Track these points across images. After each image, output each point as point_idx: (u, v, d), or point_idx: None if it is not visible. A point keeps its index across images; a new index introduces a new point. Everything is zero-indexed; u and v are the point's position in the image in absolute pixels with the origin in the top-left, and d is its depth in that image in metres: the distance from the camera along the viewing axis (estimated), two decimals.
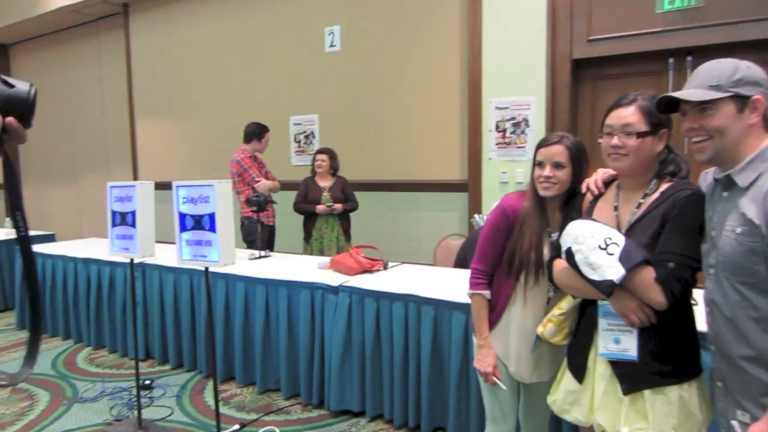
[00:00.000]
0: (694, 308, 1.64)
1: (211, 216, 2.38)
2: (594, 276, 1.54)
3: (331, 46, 5.69)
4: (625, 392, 1.60)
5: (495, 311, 2.01)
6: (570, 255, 1.61)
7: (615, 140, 1.61)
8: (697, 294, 1.61)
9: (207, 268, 2.58)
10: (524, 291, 1.94)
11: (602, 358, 1.65)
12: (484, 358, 2.01)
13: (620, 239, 1.54)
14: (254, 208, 4.15)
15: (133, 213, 2.85)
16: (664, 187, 1.62)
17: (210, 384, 3.63)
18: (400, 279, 3.22)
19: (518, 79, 4.64)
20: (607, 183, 1.79)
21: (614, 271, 1.50)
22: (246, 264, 3.79)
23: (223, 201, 2.39)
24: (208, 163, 6.58)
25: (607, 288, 1.53)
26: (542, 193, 1.88)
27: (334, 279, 3.24)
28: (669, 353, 1.59)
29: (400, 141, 5.36)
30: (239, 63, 6.29)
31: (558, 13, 4.47)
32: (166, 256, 3.60)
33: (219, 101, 6.47)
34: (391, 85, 5.35)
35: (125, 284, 4.07)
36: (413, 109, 5.26)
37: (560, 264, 1.72)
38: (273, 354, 3.45)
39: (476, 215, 3.83)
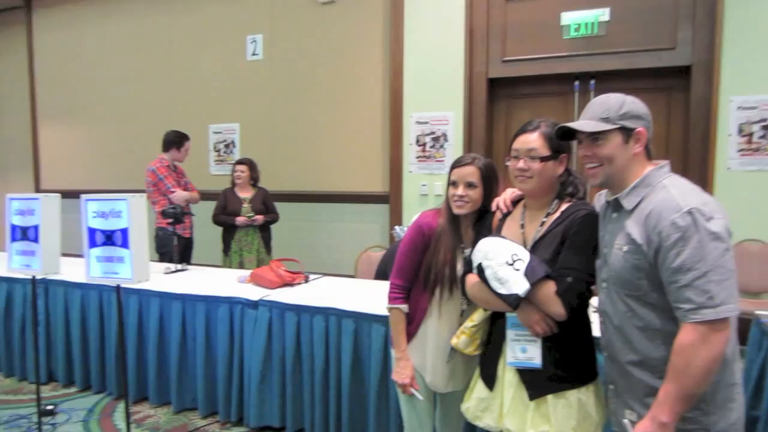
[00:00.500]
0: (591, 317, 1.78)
1: (124, 231, 2.28)
2: (502, 290, 1.65)
3: (254, 54, 5.63)
4: (531, 398, 1.71)
5: (412, 324, 2.08)
6: (481, 270, 1.71)
7: (521, 163, 1.73)
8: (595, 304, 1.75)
9: (119, 286, 2.48)
10: (439, 304, 2.02)
11: (510, 366, 1.75)
12: (401, 370, 2.06)
13: (525, 255, 1.66)
14: (170, 220, 4.01)
15: (36, 227, 2.68)
16: (564, 206, 1.76)
17: (121, 406, 3.46)
18: (321, 292, 3.22)
19: (438, 94, 4.79)
20: (515, 202, 1.91)
21: (520, 286, 1.62)
22: (161, 278, 3.65)
23: (137, 216, 2.30)
24: (120, 170, 6.29)
25: (514, 301, 1.64)
26: (456, 211, 1.98)
27: (254, 293, 3.20)
28: (569, 360, 1.72)
29: (322, 152, 5.38)
30: (156, 67, 6.08)
31: (475, 33, 4.66)
32: (73, 270, 3.41)
33: (133, 106, 6.22)
34: (314, 95, 5.36)
35: (25, 302, 3.81)
36: (336, 121, 5.29)
37: (472, 278, 1.80)
38: (189, 372, 3.35)
39: (397, 227, 3.90)
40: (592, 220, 1.68)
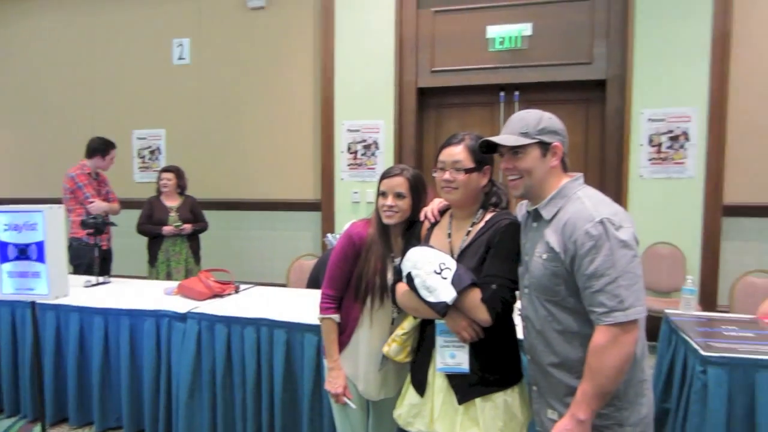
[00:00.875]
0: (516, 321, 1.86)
1: (39, 245, 2.16)
2: (430, 298, 1.70)
3: (180, 58, 5.49)
4: (460, 402, 1.77)
5: (344, 333, 2.10)
6: (410, 279, 1.75)
7: (447, 175, 1.79)
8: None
9: (33, 302, 2.34)
10: (371, 313, 2.05)
11: (439, 372, 1.80)
12: (334, 380, 2.07)
13: (452, 264, 1.72)
14: (90, 231, 3.83)
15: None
16: (488, 216, 1.83)
17: (37, 429, 3.26)
18: (252, 302, 3.18)
19: (369, 103, 4.85)
20: (443, 212, 1.97)
21: (447, 294, 1.67)
22: (81, 292, 3.48)
23: (54, 228, 2.19)
24: (39, 177, 5.93)
25: (442, 309, 1.69)
26: (386, 221, 2.01)
27: (182, 305, 3.10)
28: (495, 364, 1.78)
29: (252, 159, 5.30)
30: (78, 69, 5.80)
31: (405, 43, 4.75)
32: None
33: (54, 110, 5.90)
34: (244, 102, 5.29)
35: None
36: (266, 128, 5.24)
37: (402, 287, 1.84)
38: (113, 390, 3.20)
39: (329, 234, 3.90)
40: (514, 229, 1.76)
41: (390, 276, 2.01)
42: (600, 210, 1.51)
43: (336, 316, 2.08)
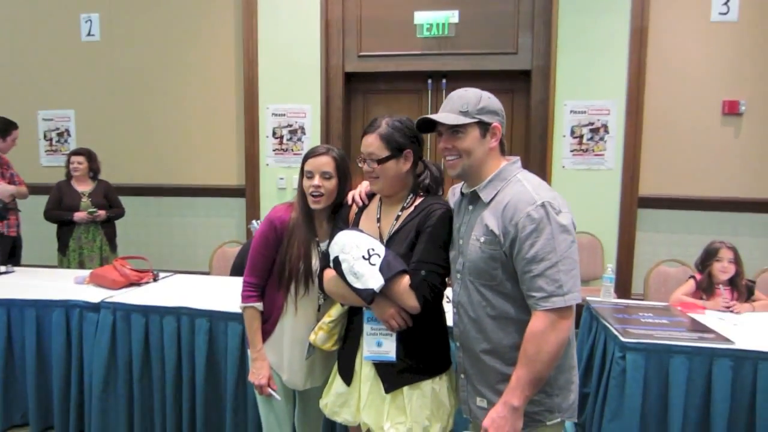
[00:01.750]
0: (446, 307, 1.85)
1: None
2: (357, 284, 1.65)
3: (89, 35, 5.14)
4: (387, 390, 1.74)
5: (268, 322, 2.02)
6: (337, 264, 1.70)
7: (366, 166, 1.75)
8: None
9: None
10: (295, 301, 1.97)
11: (366, 360, 1.77)
12: (258, 370, 2.01)
13: (382, 250, 1.68)
14: None
15: None
16: (418, 201, 1.79)
17: None
18: (173, 291, 3.04)
19: (294, 87, 4.73)
20: (371, 195, 1.92)
21: (375, 281, 1.63)
22: None
23: None
24: None
25: (368, 296, 1.65)
26: (313, 206, 1.93)
27: (95, 295, 2.92)
28: (423, 352, 1.75)
29: (172, 143, 5.07)
30: None
31: (331, 27, 4.67)
32: None
33: None
34: (161, 82, 5.03)
35: None
36: (186, 110, 5.02)
37: (330, 273, 1.79)
38: (18, 385, 2.98)
39: (254, 221, 3.79)
40: (445, 215, 1.71)
41: (315, 262, 1.95)
42: (541, 194, 1.49)
43: (258, 305, 2.01)
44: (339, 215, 1.95)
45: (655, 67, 4.29)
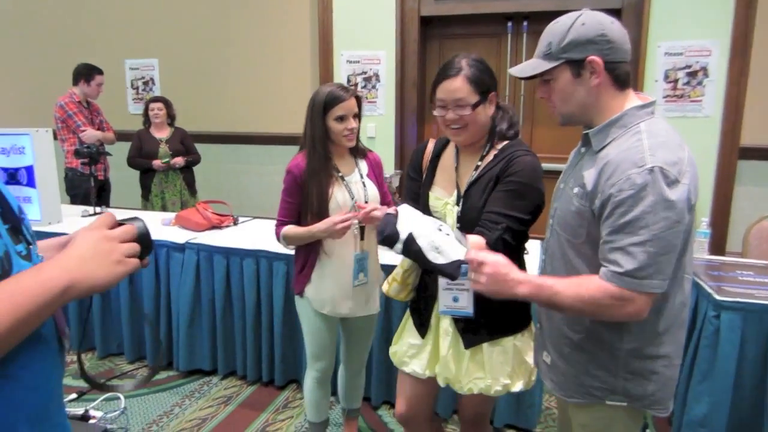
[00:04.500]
0: (526, 258, 1.76)
1: (29, 169, 2.09)
2: (440, 260, 1.48)
3: None
4: (467, 346, 1.69)
5: (306, 266, 2.11)
6: (412, 241, 1.51)
7: (450, 114, 1.59)
8: (533, 244, 1.72)
9: None
10: (327, 240, 2.03)
11: (442, 315, 1.68)
12: (324, 226, 1.95)
13: (441, 223, 1.57)
14: (85, 160, 3.74)
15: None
16: (498, 146, 1.67)
17: None
18: (251, 234, 3.13)
19: (369, 33, 4.64)
20: (443, 142, 1.80)
21: (456, 251, 1.47)
22: (77, 222, 3.42)
23: (43, 152, 2.11)
24: (30, 108, 5.75)
25: (456, 269, 1.46)
26: (350, 144, 2.02)
27: (180, 236, 3.07)
28: (503, 308, 1.62)
29: (249, 91, 5.13)
30: None
31: None
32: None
33: (43, 39, 5.64)
34: (238, 31, 5.06)
35: None
36: (262, 59, 5.04)
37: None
38: (113, 317, 3.21)
39: None
40: (528, 160, 1.58)
41: (342, 195, 2.01)
42: (657, 155, 1.20)
43: (289, 225, 2.07)
44: (411, 165, 1.84)
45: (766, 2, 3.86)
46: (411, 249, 1.50)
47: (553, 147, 4.32)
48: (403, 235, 1.51)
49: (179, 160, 4.31)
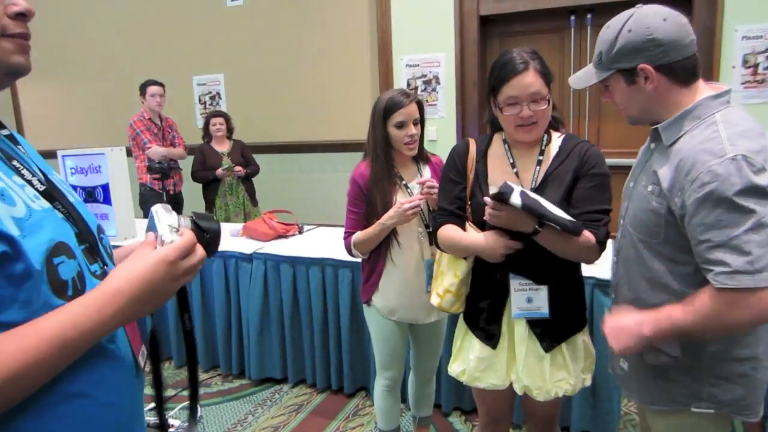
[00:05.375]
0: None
1: (105, 187, 2.19)
2: (561, 214, 1.44)
3: (233, 0, 5.38)
4: (547, 350, 1.61)
5: (374, 274, 2.08)
6: (526, 195, 1.43)
7: (525, 111, 1.52)
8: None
9: None
10: (392, 249, 2.02)
11: (519, 320, 1.62)
12: (394, 214, 1.92)
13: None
14: (157, 176, 3.90)
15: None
16: (557, 139, 1.62)
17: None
18: (316, 243, 3.16)
19: (428, 35, 4.61)
20: (487, 141, 1.73)
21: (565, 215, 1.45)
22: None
23: (117, 170, 2.21)
24: (103, 127, 6.08)
25: (578, 225, 1.45)
26: (410, 153, 2.00)
27: (247, 246, 3.13)
28: (572, 305, 1.65)
29: (310, 100, 5.21)
30: (134, 16, 5.80)
31: None
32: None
33: (113, 59, 5.96)
34: (298, 42, 5.15)
35: None
36: (323, 67, 5.11)
37: (447, 230, 1.66)
38: None
39: None
40: (600, 153, 1.57)
41: (402, 200, 1.94)
42: (738, 144, 1.13)
43: (357, 233, 2.05)
44: (452, 168, 1.72)
45: None
46: (530, 198, 1.41)
47: (621, 142, 4.14)
48: (518, 189, 1.42)
49: (240, 169, 4.45)
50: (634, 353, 1.31)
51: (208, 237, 0.88)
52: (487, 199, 1.45)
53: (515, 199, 1.37)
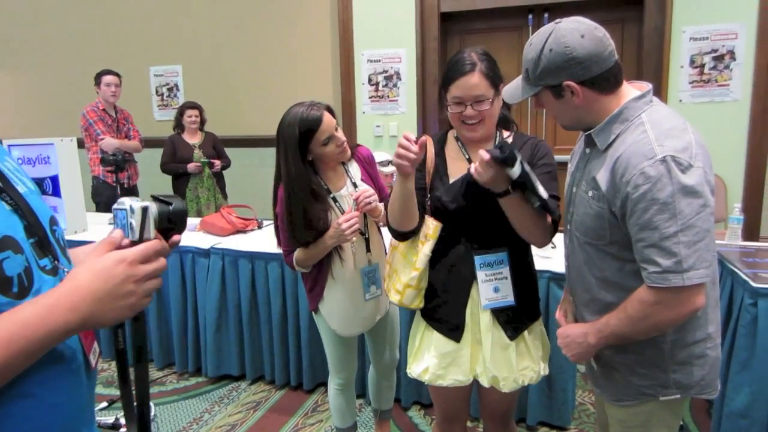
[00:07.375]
0: (553, 252, 1.73)
1: (54, 179, 2.11)
2: (544, 193, 1.44)
3: None
4: (512, 338, 1.62)
5: (317, 286, 2.04)
6: (525, 174, 1.41)
7: (469, 111, 1.54)
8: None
9: None
10: (334, 258, 1.98)
11: (484, 310, 1.61)
12: (335, 233, 1.87)
13: None
14: (110, 168, 3.78)
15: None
16: (507, 137, 1.66)
17: None
18: (275, 238, 3.12)
19: (389, 31, 4.61)
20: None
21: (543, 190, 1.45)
22: (104, 230, 3.46)
23: (67, 161, 2.13)
24: (55, 118, 5.87)
25: (556, 206, 1.49)
26: (345, 158, 1.97)
27: (205, 241, 3.07)
28: (532, 292, 1.70)
29: (271, 94, 5.14)
30: (90, 3, 5.59)
31: None
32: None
33: (67, 48, 5.75)
34: (259, 34, 5.08)
35: None
36: (284, 61, 5.05)
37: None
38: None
39: None
40: (546, 145, 1.65)
41: (330, 214, 1.92)
42: (666, 144, 1.18)
43: (297, 251, 1.98)
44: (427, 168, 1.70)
45: None
46: (526, 171, 1.39)
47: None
48: (519, 157, 1.39)
49: (217, 163, 4.39)
50: (585, 360, 1.44)
51: (171, 208, 0.86)
52: (484, 153, 1.40)
53: (516, 169, 1.37)
